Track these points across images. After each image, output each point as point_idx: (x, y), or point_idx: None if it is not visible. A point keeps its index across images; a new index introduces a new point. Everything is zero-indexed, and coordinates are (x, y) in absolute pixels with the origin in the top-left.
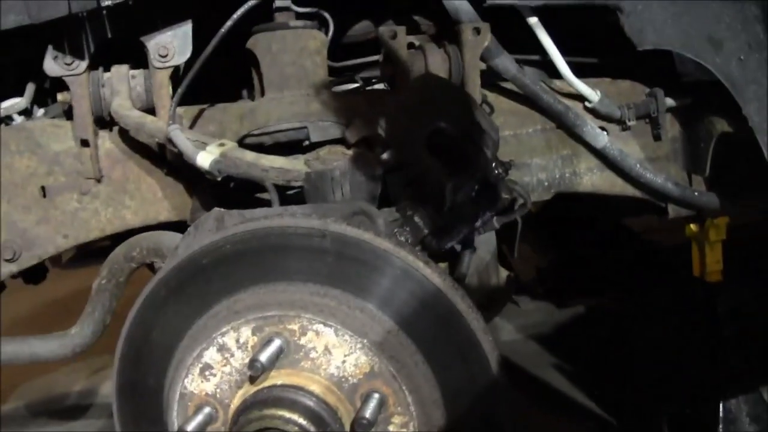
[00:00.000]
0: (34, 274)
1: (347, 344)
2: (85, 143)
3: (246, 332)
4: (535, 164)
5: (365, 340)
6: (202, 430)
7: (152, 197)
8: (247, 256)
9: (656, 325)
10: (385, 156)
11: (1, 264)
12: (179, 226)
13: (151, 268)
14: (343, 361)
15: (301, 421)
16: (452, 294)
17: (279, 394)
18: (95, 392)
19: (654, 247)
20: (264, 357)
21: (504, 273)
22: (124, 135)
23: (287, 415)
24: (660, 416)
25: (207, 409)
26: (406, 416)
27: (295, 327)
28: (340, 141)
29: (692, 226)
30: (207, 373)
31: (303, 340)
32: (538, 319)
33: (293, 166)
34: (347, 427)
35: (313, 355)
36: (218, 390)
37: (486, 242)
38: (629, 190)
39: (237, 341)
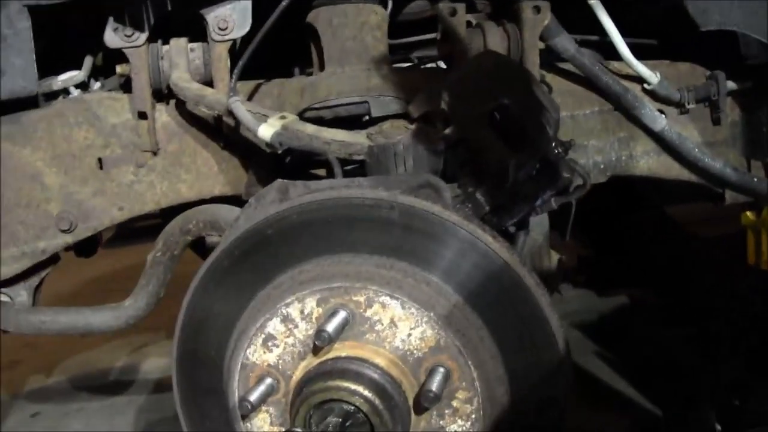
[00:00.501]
0: (86, 248)
1: (413, 317)
2: (142, 116)
3: (311, 303)
4: (592, 146)
5: (432, 314)
6: (264, 401)
7: (207, 171)
8: (312, 226)
9: (698, 316)
10: (447, 132)
11: (57, 235)
12: (234, 201)
13: (202, 244)
14: (409, 335)
15: (366, 393)
16: (520, 269)
17: (344, 365)
18: (137, 369)
19: (698, 239)
20: (330, 328)
21: (555, 256)
22: (181, 108)
23: (352, 386)
24: (707, 407)
25: (268, 380)
26: (470, 391)
27: (361, 299)
28: (401, 116)
29: (749, 213)
30: (270, 343)
31: (369, 313)
32: (578, 307)
33: (356, 139)
34: (411, 401)
35: (378, 327)
36: (280, 361)
37: (539, 224)
38: (686, 175)
39: (301, 312)
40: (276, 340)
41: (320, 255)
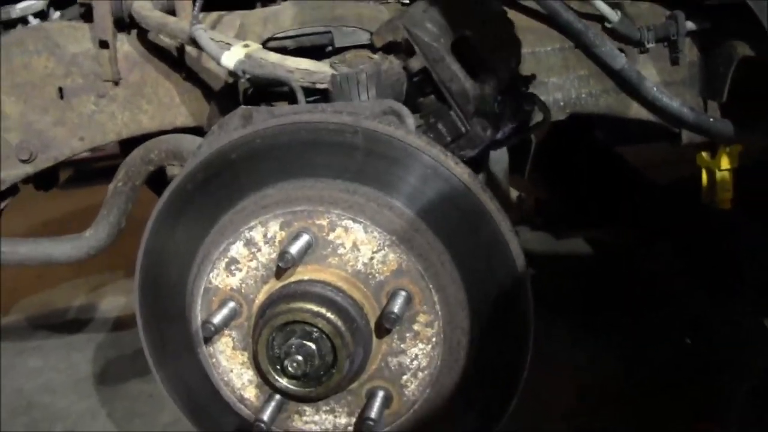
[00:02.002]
0: (45, 181)
1: (376, 241)
2: (104, 45)
3: (274, 227)
4: (552, 83)
5: (394, 237)
6: (227, 324)
7: (169, 102)
8: (276, 151)
9: (655, 257)
10: (410, 62)
11: (17, 165)
12: (196, 132)
13: (159, 182)
14: (371, 258)
15: (329, 315)
16: (481, 194)
17: (306, 288)
18: (95, 307)
19: (653, 181)
20: (294, 250)
21: (514, 193)
22: (143, 38)
23: (315, 308)
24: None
25: (231, 304)
26: (431, 315)
27: (323, 222)
28: (364, 47)
29: (704, 154)
30: (233, 267)
31: (331, 236)
32: (536, 248)
33: (319, 68)
34: (372, 324)
35: (341, 251)
36: (243, 285)
37: (498, 160)
38: (644, 114)
39: (264, 236)
40: (239, 264)
41: (284, 180)
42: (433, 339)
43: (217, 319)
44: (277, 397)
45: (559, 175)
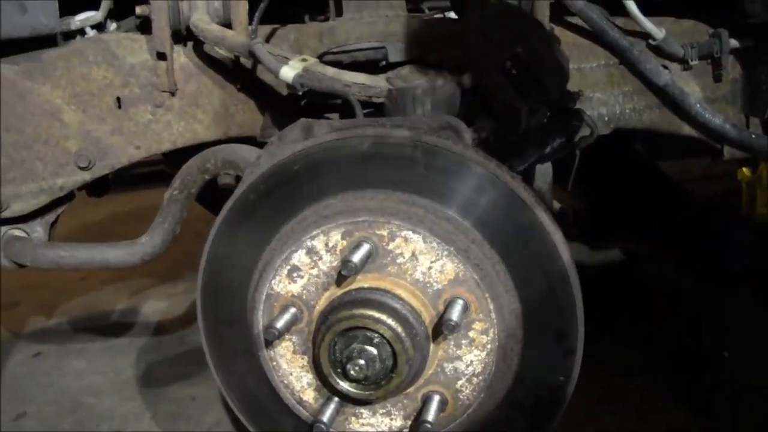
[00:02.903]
0: (97, 187)
1: (434, 251)
2: (161, 56)
3: (335, 236)
4: (597, 99)
5: (452, 248)
6: (289, 328)
7: (224, 112)
8: (338, 163)
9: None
10: (463, 78)
11: (75, 172)
12: (248, 143)
13: (209, 195)
14: (429, 268)
15: (390, 321)
16: (536, 207)
17: (367, 295)
18: (137, 311)
19: (693, 195)
20: (356, 258)
21: (557, 205)
22: (199, 50)
23: (376, 315)
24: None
25: (292, 310)
26: (486, 323)
27: (384, 233)
28: (417, 63)
29: (744, 169)
30: (295, 274)
31: (391, 246)
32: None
33: (375, 82)
34: (429, 331)
35: (400, 260)
36: (304, 291)
37: (543, 173)
38: (686, 130)
39: (326, 245)
40: (301, 271)
41: (345, 190)
42: (488, 346)
43: (280, 323)
44: (336, 399)
45: (597, 188)
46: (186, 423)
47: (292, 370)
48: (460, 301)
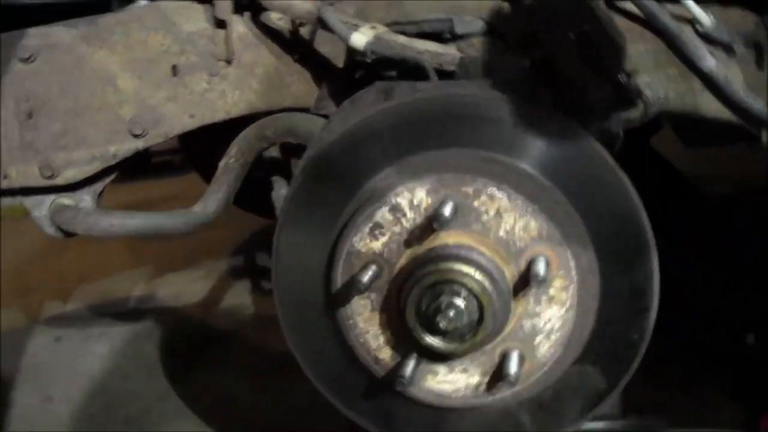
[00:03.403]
0: (137, 164)
1: (518, 209)
2: (221, 24)
3: (420, 193)
4: (642, 81)
5: (536, 206)
6: (371, 285)
7: (279, 83)
8: (422, 121)
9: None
10: (531, 51)
11: (128, 139)
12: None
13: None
14: (513, 225)
15: (477, 275)
16: (618, 170)
17: (453, 251)
18: (156, 297)
19: (709, 195)
20: (447, 212)
21: None
22: (257, 20)
23: (464, 268)
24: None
25: (373, 267)
26: (566, 280)
27: (469, 190)
28: (485, 35)
29: None
30: (377, 232)
31: (476, 203)
32: None
33: (446, 50)
34: (510, 287)
35: (484, 218)
36: (386, 249)
37: None
38: (726, 115)
39: (411, 202)
40: (383, 228)
41: (429, 149)
42: (567, 303)
43: (365, 278)
44: (413, 357)
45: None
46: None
47: (369, 328)
48: (543, 259)
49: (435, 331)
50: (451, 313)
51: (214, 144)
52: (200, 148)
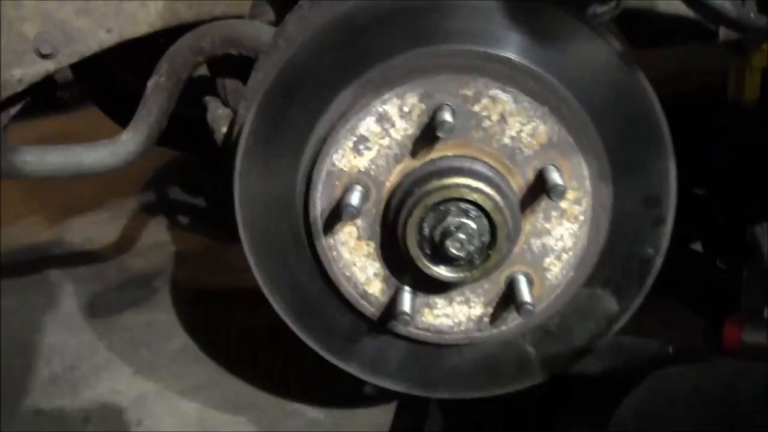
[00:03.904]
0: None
1: (526, 112)
2: None
3: (411, 99)
4: None
5: (546, 108)
6: (362, 208)
7: None
8: (411, 14)
9: None
10: None
11: (36, 61)
12: None
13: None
14: (520, 131)
15: (488, 189)
16: (635, 68)
17: (456, 163)
18: (63, 242)
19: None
20: (449, 117)
21: None
22: None
23: (473, 183)
24: None
25: (358, 188)
26: (580, 191)
27: (469, 92)
28: None
29: (733, 52)
30: (361, 146)
31: (476, 108)
32: None
33: None
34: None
35: (486, 124)
36: (373, 166)
37: None
38: (682, 9)
39: (400, 109)
40: (368, 142)
41: (419, 46)
42: (581, 217)
43: (355, 200)
44: (407, 289)
45: None
46: (147, 350)
47: (356, 260)
48: (553, 168)
49: (441, 258)
50: (462, 236)
51: (117, 70)
52: (100, 75)
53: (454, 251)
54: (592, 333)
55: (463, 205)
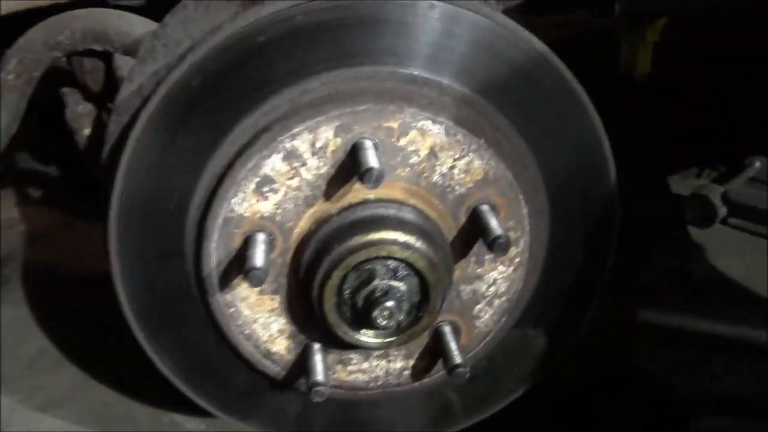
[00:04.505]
0: None
1: (459, 145)
2: None
3: (326, 133)
4: None
5: (482, 140)
6: (270, 264)
7: None
8: (326, 29)
9: None
10: None
11: None
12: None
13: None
14: (452, 167)
15: (420, 244)
16: (579, 89)
17: (379, 212)
18: None
19: None
20: (373, 161)
21: None
22: None
23: (402, 238)
24: None
25: (262, 237)
26: (518, 231)
27: (394, 124)
28: None
29: (625, 27)
30: (266, 189)
31: (402, 142)
32: None
33: None
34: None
35: (413, 160)
36: (279, 210)
37: None
38: None
39: (312, 145)
40: (274, 183)
41: (334, 68)
42: (517, 259)
43: (259, 259)
44: (316, 346)
45: None
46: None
47: (257, 317)
48: (487, 207)
49: (364, 323)
50: (390, 303)
51: None
52: None
53: (382, 321)
54: (523, 374)
55: (392, 263)
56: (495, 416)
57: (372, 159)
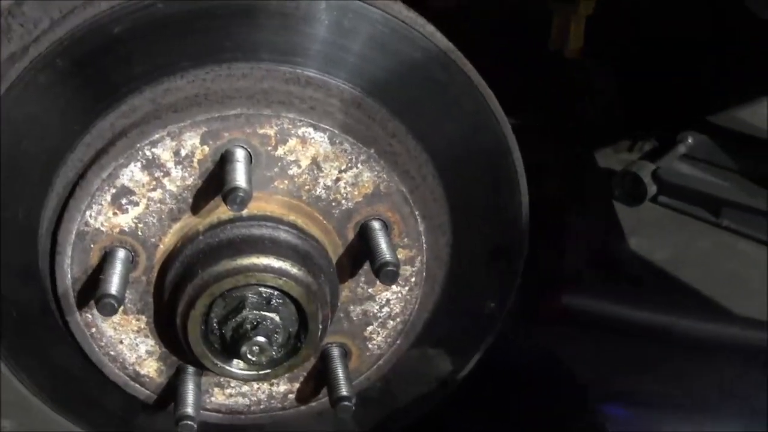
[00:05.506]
0: None
1: (346, 156)
2: None
3: (192, 140)
4: None
5: (372, 150)
6: (126, 287)
7: None
8: (191, 21)
9: None
10: None
11: None
12: None
13: None
14: (337, 179)
15: (296, 271)
16: (490, 97)
17: (252, 231)
18: None
19: None
20: (241, 179)
21: None
22: None
23: (276, 264)
24: None
25: (121, 253)
26: (413, 249)
27: (270, 131)
28: None
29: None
30: (124, 201)
31: (280, 151)
32: None
33: None
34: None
35: (293, 171)
36: (141, 225)
37: None
38: None
39: (176, 153)
40: (134, 195)
41: (202, 65)
42: (413, 279)
43: (114, 285)
44: (189, 369)
45: None
46: None
47: (123, 337)
48: (378, 224)
49: (236, 354)
50: (261, 339)
51: None
52: None
53: (251, 357)
54: (421, 395)
55: (265, 291)
56: None
57: (239, 176)
